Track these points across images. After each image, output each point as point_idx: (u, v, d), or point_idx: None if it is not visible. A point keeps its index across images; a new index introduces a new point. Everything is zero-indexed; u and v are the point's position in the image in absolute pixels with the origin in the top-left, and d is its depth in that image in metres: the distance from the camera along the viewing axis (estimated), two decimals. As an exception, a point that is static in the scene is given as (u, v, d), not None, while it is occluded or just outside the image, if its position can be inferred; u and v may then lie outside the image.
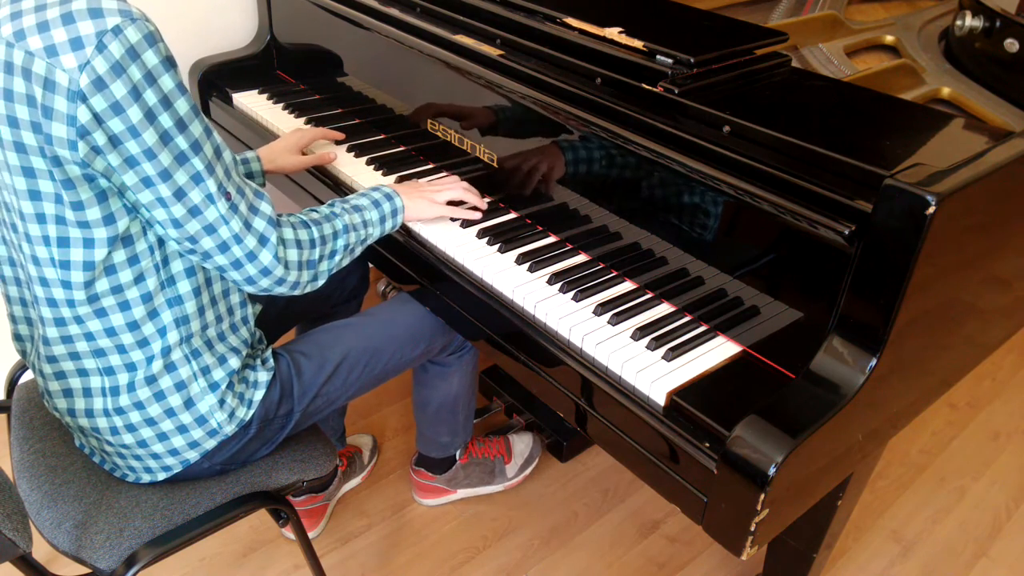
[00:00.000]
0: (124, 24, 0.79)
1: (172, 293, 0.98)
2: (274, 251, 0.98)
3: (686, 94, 1.10)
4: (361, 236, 1.13)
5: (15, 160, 0.84)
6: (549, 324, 1.10)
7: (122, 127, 0.81)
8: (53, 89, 0.79)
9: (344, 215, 1.12)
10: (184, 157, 0.87)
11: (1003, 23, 1.36)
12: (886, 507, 1.80)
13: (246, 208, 0.95)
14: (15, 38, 0.79)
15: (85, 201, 0.86)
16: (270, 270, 0.99)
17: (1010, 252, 1.10)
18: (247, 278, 0.99)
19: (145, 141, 0.83)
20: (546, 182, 1.27)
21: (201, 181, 0.89)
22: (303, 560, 1.46)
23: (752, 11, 1.65)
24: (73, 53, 0.78)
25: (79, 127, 0.80)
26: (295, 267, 1.02)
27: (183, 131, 0.86)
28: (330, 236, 1.08)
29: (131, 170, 0.85)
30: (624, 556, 1.65)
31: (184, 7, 1.81)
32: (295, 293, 1.06)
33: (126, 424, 1.03)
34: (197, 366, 1.03)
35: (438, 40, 1.38)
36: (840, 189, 0.91)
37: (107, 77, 0.79)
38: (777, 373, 1.00)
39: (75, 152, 0.81)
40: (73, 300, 0.93)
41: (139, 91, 0.81)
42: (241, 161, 1.33)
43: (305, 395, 1.16)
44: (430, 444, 1.64)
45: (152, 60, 0.81)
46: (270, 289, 1.02)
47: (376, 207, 1.17)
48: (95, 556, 1.02)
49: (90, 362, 0.99)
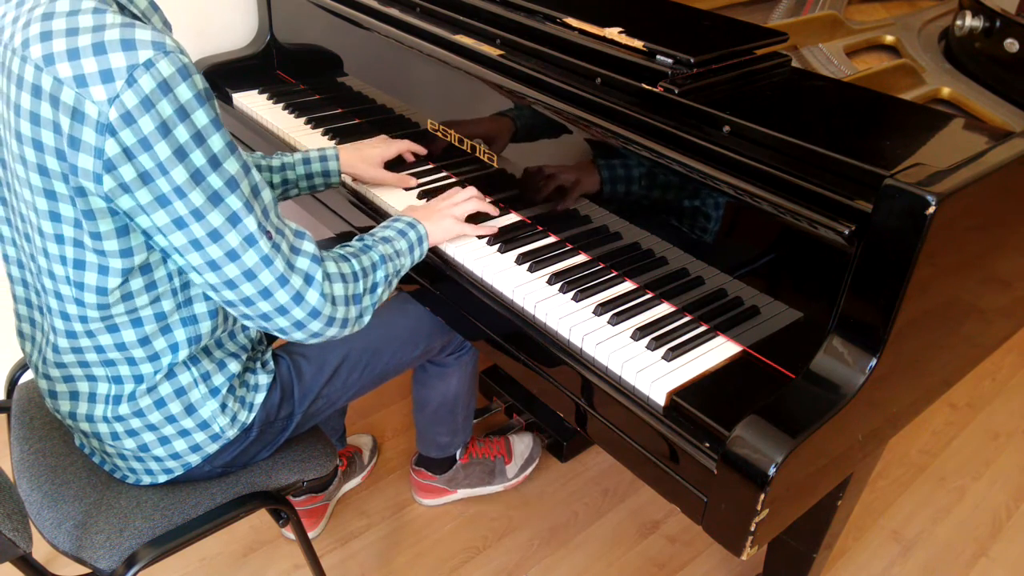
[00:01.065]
0: (156, 58, 0.76)
1: (187, 313, 0.97)
2: (320, 289, 0.92)
3: (686, 94, 1.09)
4: (397, 267, 1.09)
5: (38, 182, 0.82)
6: (549, 324, 1.10)
7: (151, 164, 0.79)
8: (82, 120, 0.76)
9: (377, 246, 1.07)
10: (218, 197, 0.83)
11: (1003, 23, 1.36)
12: (886, 507, 1.80)
13: (288, 248, 0.90)
14: (44, 62, 0.77)
15: (104, 233, 0.84)
16: (319, 311, 0.93)
17: (1010, 252, 1.10)
18: (295, 323, 0.92)
19: (174, 179, 0.80)
20: (546, 183, 1.27)
21: (239, 222, 0.85)
22: (303, 560, 1.46)
23: (752, 11, 1.65)
24: (103, 85, 0.75)
25: (106, 160, 0.78)
26: (342, 302, 0.96)
27: (217, 168, 0.82)
28: (370, 268, 1.03)
29: (162, 209, 0.81)
30: (624, 556, 1.65)
31: (184, 7, 1.81)
32: (344, 333, 0.99)
33: (127, 429, 1.03)
34: (197, 372, 1.03)
35: (438, 40, 1.38)
36: (840, 189, 0.91)
37: (136, 112, 0.76)
38: (777, 373, 1.00)
39: (99, 185, 0.79)
40: (86, 316, 0.92)
41: (168, 127, 0.78)
42: (320, 158, 1.30)
43: (305, 397, 1.16)
44: (429, 444, 1.64)
45: (185, 95, 0.79)
46: (321, 333, 0.95)
47: (403, 236, 1.13)
48: (95, 556, 1.02)
49: (99, 370, 0.99)
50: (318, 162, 1.31)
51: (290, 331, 0.94)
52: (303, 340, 0.96)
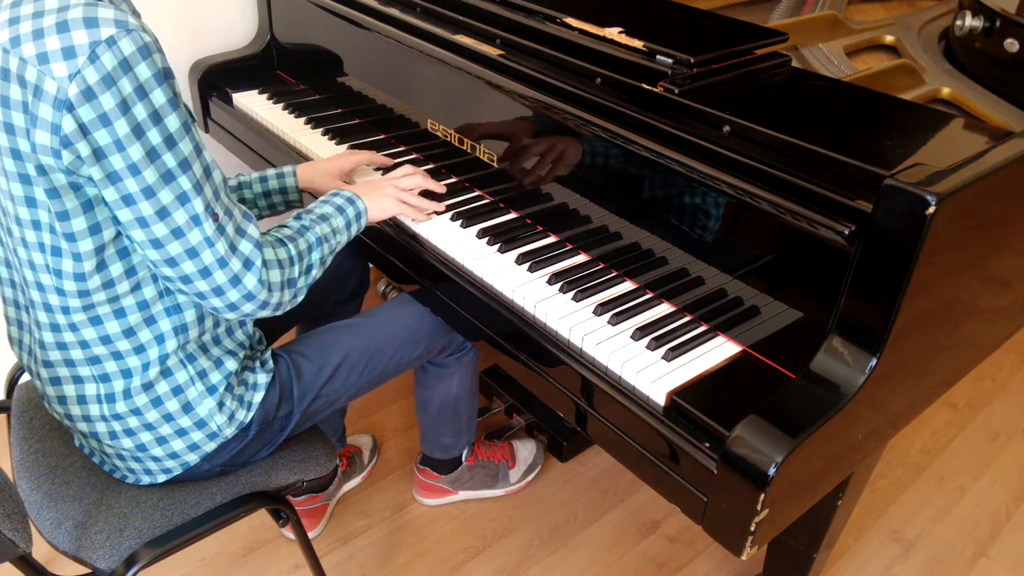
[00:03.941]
0: (119, 35, 0.78)
1: (171, 302, 0.97)
2: (259, 275, 0.95)
3: (686, 94, 1.09)
4: (332, 245, 1.10)
5: (11, 166, 0.83)
6: (549, 324, 1.10)
7: (108, 140, 0.80)
8: (40, 96, 0.78)
9: (315, 226, 1.08)
10: (171, 175, 0.85)
11: (1003, 23, 1.37)
12: (886, 507, 1.80)
13: (233, 230, 0.92)
14: (11, 44, 0.79)
15: (71, 211, 0.84)
16: (254, 295, 0.95)
17: (1010, 252, 1.10)
18: (228, 304, 0.95)
19: (130, 156, 0.81)
20: (546, 183, 1.27)
21: (187, 201, 0.86)
22: (303, 560, 1.46)
23: (752, 11, 1.65)
24: (65, 62, 0.77)
25: (62, 136, 0.79)
26: (278, 288, 0.99)
27: (172, 148, 0.84)
28: (305, 251, 1.04)
29: (112, 186, 0.83)
30: (624, 556, 1.65)
31: (184, 7, 1.81)
32: (278, 313, 1.02)
33: (124, 429, 1.02)
34: (193, 370, 1.02)
35: (438, 40, 1.38)
36: (840, 189, 0.91)
37: (96, 88, 0.77)
38: (777, 373, 1.00)
39: (59, 160, 0.80)
40: (68, 307, 0.92)
41: (128, 105, 0.79)
42: (276, 175, 1.30)
43: (305, 396, 1.16)
44: (434, 445, 1.64)
45: (145, 73, 0.80)
46: (251, 314, 0.98)
47: (341, 213, 1.14)
48: (95, 556, 1.02)
49: (85, 370, 0.99)
50: (275, 179, 1.30)
51: (223, 311, 0.96)
52: (232, 317, 0.98)
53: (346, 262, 1.50)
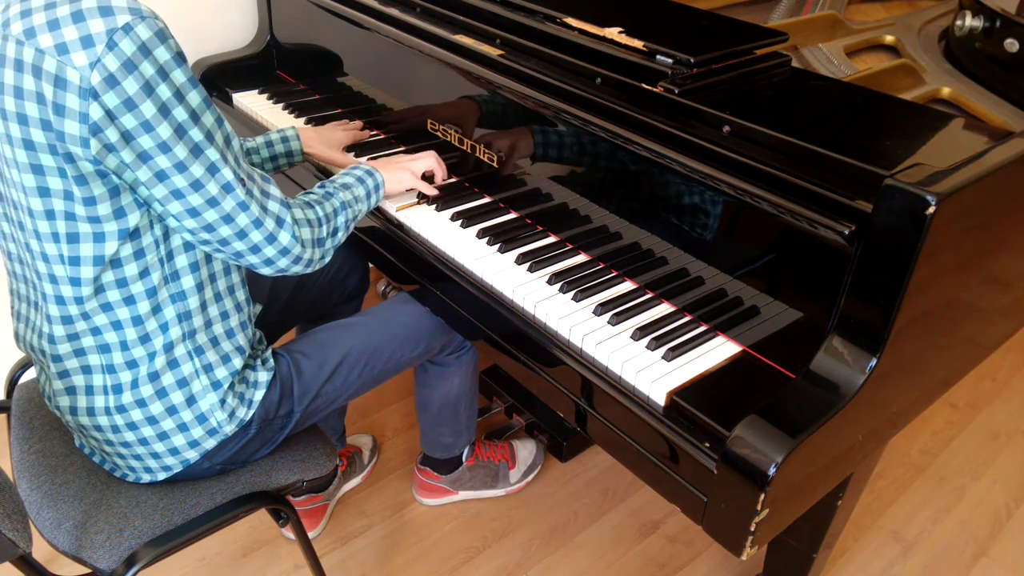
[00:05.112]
0: (135, 22, 0.80)
1: (175, 288, 0.98)
2: (291, 231, 1.00)
3: (686, 94, 1.10)
4: (355, 212, 1.16)
5: (24, 158, 0.84)
6: (549, 324, 1.10)
7: (135, 123, 0.82)
8: (64, 87, 0.79)
9: (338, 193, 1.14)
10: (199, 149, 0.88)
11: (1003, 23, 1.37)
12: (886, 507, 1.80)
13: (259, 192, 0.97)
14: (25, 36, 0.80)
15: (98, 196, 0.86)
16: (289, 249, 1.00)
17: (1010, 252, 1.10)
18: (266, 260, 1.00)
19: (160, 135, 0.84)
20: (546, 182, 1.27)
21: (217, 171, 0.90)
22: (303, 560, 1.46)
23: (752, 11, 1.65)
24: (84, 51, 0.78)
25: (91, 124, 0.80)
26: (310, 245, 1.04)
27: (197, 122, 0.87)
28: (331, 214, 1.10)
29: (144, 165, 0.85)
30: (624, 556, 1.65)
31: (184, 7, 1.81)
32: (308, 271, 1.07)
33: (127, 422, 1.03)
34: (200, 363, 1.03)
35: (438, 40, 1.38)
36: (840, 189, 0.91)
37: (119, 74, 0.79)
38: (777, 373, 1.00)
39: (87, 149, 0.82)
40: (81, 297, 0.93)
41: (152, 86, 0.82)
42: (281, 140, 1.36)
43: (305, 395, 1.17)
44: (434, 445, 1.64)
45: (164, 56, 0.82)
46: (287, 269, 1.03)
47: (361, 183, 1.20)
48: (95, 556, 1.02)
49: (95, 358, 0.99)
50: (280, 143, 1.36)
51: (259, 267, 1.01)
52: (270, 274, 1.03)
53: (346, 262, 1.50)
